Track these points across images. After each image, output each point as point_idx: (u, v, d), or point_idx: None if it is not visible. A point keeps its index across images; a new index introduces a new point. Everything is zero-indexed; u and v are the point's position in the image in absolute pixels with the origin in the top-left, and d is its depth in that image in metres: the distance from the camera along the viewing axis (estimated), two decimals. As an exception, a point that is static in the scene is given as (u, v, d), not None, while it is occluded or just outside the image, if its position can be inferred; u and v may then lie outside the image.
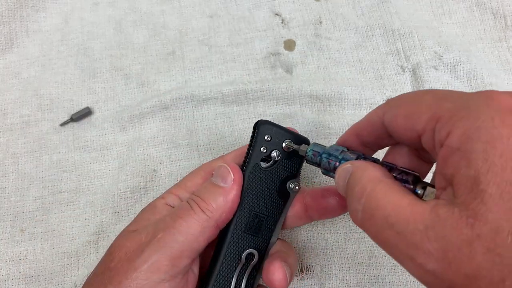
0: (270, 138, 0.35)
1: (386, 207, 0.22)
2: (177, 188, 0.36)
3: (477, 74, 0.46)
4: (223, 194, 0.32)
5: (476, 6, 0.50)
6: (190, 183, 0.36)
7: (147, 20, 0.52)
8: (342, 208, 0.35)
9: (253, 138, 0.35)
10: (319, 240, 0.41)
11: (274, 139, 0.35)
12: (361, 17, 0.51)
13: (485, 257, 0.18)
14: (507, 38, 0.49)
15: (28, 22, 0.51)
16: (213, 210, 0.32)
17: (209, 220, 0.31)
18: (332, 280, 0.40)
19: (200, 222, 0.31)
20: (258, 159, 0.35)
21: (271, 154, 0.35)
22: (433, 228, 0.20)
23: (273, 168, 0.35)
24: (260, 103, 0.47)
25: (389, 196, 0.22)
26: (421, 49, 0.47)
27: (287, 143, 0.35)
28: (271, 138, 0.35)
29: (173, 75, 0.49)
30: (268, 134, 0.35)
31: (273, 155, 0.35)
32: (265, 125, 0.35)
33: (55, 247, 0.43)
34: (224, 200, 0.32)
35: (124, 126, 0.47)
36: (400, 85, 0.47)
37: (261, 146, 0.35)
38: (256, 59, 0.49)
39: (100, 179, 0.45)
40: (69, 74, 0.49)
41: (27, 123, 0.47)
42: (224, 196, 0.32)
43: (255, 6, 0.52)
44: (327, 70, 0.48)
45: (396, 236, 0.21)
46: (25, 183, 0.45)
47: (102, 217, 0.43)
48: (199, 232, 0.31)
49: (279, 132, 0.35)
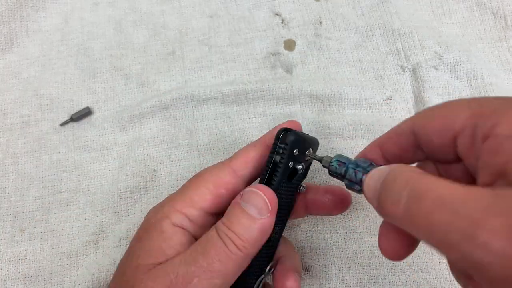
0: (297, 151, 0.32)
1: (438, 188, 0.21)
2: (182, 204, 0.31)
3: (477, 74, 0.46)
4: (260, 229, 0.29)
5: (476, 6, 0.50)
6: (197, 198, 0.32)
7: (147, 20, 0.52)
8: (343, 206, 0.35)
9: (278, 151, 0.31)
10: (319, 240, 0.41)
11: (300, 152, 0.32)
12: (361, 17, 0.51)
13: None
14: (507, 38, 0.49)
15: (28, 22, 0.51)
16: (249, 247, 0.28)
17: (246, 257, 0.29)
18: (332, 280, 0.40)
19: (237, 261, 0.28)
20: (285, 176, 0.31)
21: (297, 167, 0.32)
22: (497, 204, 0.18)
23: (295, 179, 0.33)
24: (260, 103, 0.47)
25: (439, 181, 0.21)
26: (421, 49, 0.47)
27: (309, 153, 0.33)
28: (299, 152, 0.32)
29: (173, 75, 0.49)
30: (296, 148, 0.31)
31: (299, 167, 0.32)
32: (294, 138, 0.31)
33: (55, 247, 0.43)
34: (261, 234, 0.29)
35: (124, 126, 0.47)
36: (400, 85, 0.47)
37: (289, 161, 0.31)
38: (256, 59, 0.49)
39: (100, 179, 0.45)
40: (69, 74, 0.49)
41: (27, 123, 0.47)
42: (260, 229, 0.29)
43: (255, 6, 0.52)
44: (327, 70, 0.48)
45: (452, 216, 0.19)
46: (25, 183, 0.45)
47: (102, 217, 0.43)
48: (236, 270, 0.29)
49: (304, 143, 0.32)
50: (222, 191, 0.32)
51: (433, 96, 0.45)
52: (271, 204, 0.29)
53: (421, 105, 0.45)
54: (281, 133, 0.31)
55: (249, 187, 0.30)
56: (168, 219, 0.31)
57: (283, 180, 0.31)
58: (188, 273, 0.27)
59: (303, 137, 0.32)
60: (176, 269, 0.28)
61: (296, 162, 0.32)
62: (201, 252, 0.28)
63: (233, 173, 0.32)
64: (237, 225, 0.28)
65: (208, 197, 0.32)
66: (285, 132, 0.31)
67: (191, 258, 0.28)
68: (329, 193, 0.35)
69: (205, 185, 0.32)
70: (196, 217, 0.31)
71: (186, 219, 0.31)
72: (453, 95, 0.46)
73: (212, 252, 0.28)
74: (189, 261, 0.28)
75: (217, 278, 0.27)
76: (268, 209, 0.29)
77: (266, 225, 0.29)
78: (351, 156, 0.31)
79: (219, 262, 0.27)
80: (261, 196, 0.29)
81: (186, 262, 0.28)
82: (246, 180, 0.33)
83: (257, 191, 0.29)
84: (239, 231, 0.28)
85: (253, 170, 0.33)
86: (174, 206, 0.31)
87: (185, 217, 0.31)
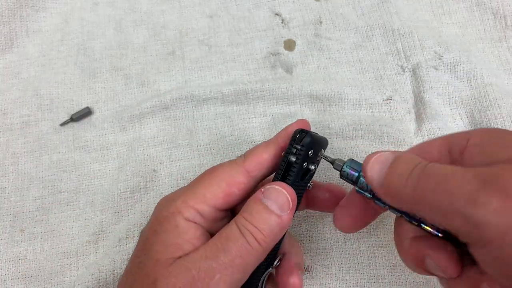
0: (312, 153, 0.32)
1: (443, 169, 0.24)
2: (195, 200, 0.32)
3: (477, 74, 0.46)
4: (280, 224, 0.29)
5: (476, 6, 0.50)
6: (209, 195, 0.32)
7: (147, 20, 0.52)
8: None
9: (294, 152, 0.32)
10: (319, 240, 0.41)
11: (314, 153, 0.32)
12: (361, 17, 0.51)
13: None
14: (507, 38, 0.49)
15: (28, 22, 0.51)
16: (270, 242, 0.29)
17: (265, 251, 0.30)
18: (332, 280, 0.40)
19: (257, 256, 0.29)
20: (299, 176, 0.32)
21: (310, 167, 0.33)
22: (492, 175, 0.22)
23: (307, 178, 0.33)
24: (260, 103, 0.47)
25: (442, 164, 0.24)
26: (421, 49, 0.47)
27: (321, 154, 0.34)
28: (313, 153, 0.32)
29: (173, 75, 0.49)
30: (311, 149, 0.32)
31: (311, 168, 0.33)
32: (311, 140, 0.31)
33: (55, 247, 0.43)
34: (281, 230, 0.30)
35: (124, 126, 0.47)
36: (400, 85, 0.47)
37: (304, 162, 0.32)
38: (256, 59, 0.49)
39: (100, 179, 0.45)
40: (69, 74, 0.49)
41: (27, 123, 0.47)
42: (281, 225, 0.30)
43: (255, 6, 0.52)
44: (327, 70, 0.48)
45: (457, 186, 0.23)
46: (25, 183, 0.45)
47: (102, 217, 0.43)
48: (255, 265, 0.30)
49: (318, 144, 0.33)
50: (235, 190, 0.32)
51: (433, 96, 0.45)
52: (293, 203, 0.30)
53: (421, 105, 0.45)
54: (297, 134, 0.32)
55: (270, 184, 0.31)
56: (181, 214, 0.31)
57: (297, 179, 0.32)
58: (210, 269, 0.28)
59: (318, 139, 0.33)
60: (198, 265, 0.28)
61: (310, 162, 0.32)
62: (221, 248, 0.29)
63: (246, 173, 0.33)
64: (259, 219, 0.29)
65: (220, 195, 0.32)
66: (301, 133, 0.32)
67: (211, 254, 0.29)
68: (330, 191, 0.35)
69: (218, 183, 0.32)
70: (208, 213, 0.32)
71: (198, 215, 0.31)
72: (453, 95, 0.46)
73: (234, 248, 0.28)
74: (210, 257, 0.28)
75: (238, 273, 0.28)
76: (289, 206, 0.30)
77: (286, 222, 0.30)
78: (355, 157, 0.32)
79: (241, 258, 0.28)
80: (284, 193, 0.30)
81: (207, 257, 0.28)
82: (257, 180, 0.34)
83: (280, 189, 0.30)
84: (261, 226, 0.29)
85: (266, 171, 0.34)
86: (187, 201, 0.32)
87: (197, 213, 0.31)
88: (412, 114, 0.46)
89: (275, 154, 0.33)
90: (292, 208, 0.30)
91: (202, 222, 0.32)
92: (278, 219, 0.29)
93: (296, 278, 0.32)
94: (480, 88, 0.45)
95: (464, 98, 0.46)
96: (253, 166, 0.33)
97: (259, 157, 0.33)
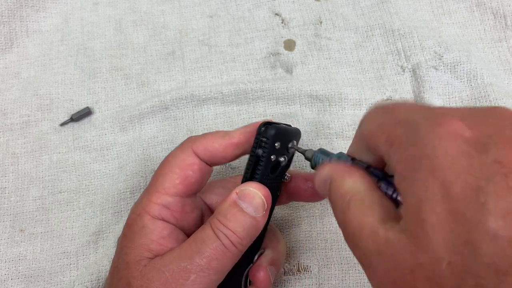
0: (279, 145, 0.32)
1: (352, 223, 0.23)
2: (157, 195, 0.32)
3: (477, 74, 0.46)
4: (256, 226, 0.30)
5: (476, 6, 0.50)
6: (168, 184, 0.32)
7: (147, 20, 0.52)
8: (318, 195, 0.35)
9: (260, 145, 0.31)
10: (318, 240, 0.41)
11: (282, 145, 0.32)
12: (361, 17, 0.51)
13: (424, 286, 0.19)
14: (507, 38, 0.49)
15: (28, 22, 0.51)
16: (245, 243, 0.30)
17: (240, 253, 0.30)
18: (332, 280, 0.40)
19: (233, 258, 0.29)
20: (268, 169, 0.32)
21: (279, 159, 0.32)
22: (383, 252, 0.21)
23: (278, 172, 0.33)
24: (260, 103, 0.47)
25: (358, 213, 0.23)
26: (421, 49, 0.47)
27: (292, 145, 0.33)
28: (280, 145, 0.32)
29: (173, 75, 0.49)
30: (278, 142, 0.31)
31: (281, 160, 0.32)
32: (275, 132, 0.31)
33: (55, 247, 0.43)
34: (256, 231, 0.30)
35: (124, 126, 0.47)
36: (400, 85, 0.47)
37: (271, 155, 0.31)
38: (256, 59, 0.49)
39: (100, 179, 0.45)
40: (69, 74, 0.49)
41: (27, 123, 0.47)
42: (256, 226, 0.30)
43: (255, 6, 0.52)
44: (327, 70, 0.48)
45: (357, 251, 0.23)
46: (25, 183, 0.45)
47: (102, 217, 0.43)
48: (231, 266, 0.30)
49: (286, 136, 0.32)
50: (189, 172, 0.32)
51: (433, 96, 0.45)
52: (267, 203, 0.30)
53: (421, 105, 0.45)
54: (262, 127, 0.31)
55: (244, 185, 0.31)
56: (147, 213, 0.31)
57: (266, 173, 0.32)
58: (185, 270, 0.28)
59: (284, 130, 0.32)
60: (171, 267, 0.28)
61: (279, 155, 0.32)
62: (196, 250, 0.29)
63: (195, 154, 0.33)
64: (234, 222, 0.29)
65: (177, 181, 0.32)
66: (266, 126, 0.31)
67: (186, 256, 0.29)
68: (309, 180, 0.35)
69: (172, 170, 0.32)
70: (173, 205, 0.32)
71: (164, 209, 0.32)
72: (453, 95, 0.46)
73: (209, 251, 0.28)
74: (184, 259, 0.29)
75: (214, 275, 0.28)
76: (264, 207, 0.30)
77: (261, 222, 0.30)
78: None
79: (216, 260, 0.28)
80: (258, 195, 0.30)
81: (181, 259, 0.29)
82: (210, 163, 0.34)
83: (255, 191, 0.30)
84: (236, 229, 0.29)
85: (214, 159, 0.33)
86: (150, 198, 0.32)
87: (163, 207, 0.32)
88: (412, 114, 0.46)
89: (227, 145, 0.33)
90: (267, 208, 0.30)
91: (170, 216, 0.32)
92: (253, 221, 0.30)
93: (262, 272, 0.33)
94: (480, 88, 0.45)
95: (464, 98, 0.46)
96: (200, 151, 0.33)
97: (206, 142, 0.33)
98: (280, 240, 0.36)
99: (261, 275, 0.33)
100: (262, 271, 0.33)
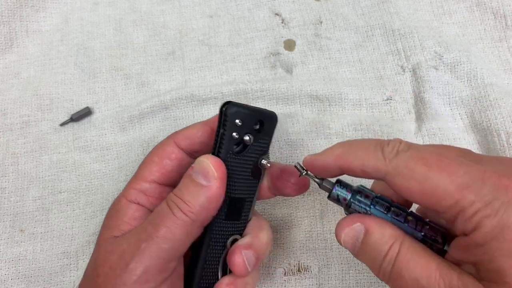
0: (241, 122, 0.32)
1: (416, 269, 0.25)
2: (135, 181, 0.34)
3: (477, 74, 0.46)
4: (206, 194, 0.30)
5: (476, 6, 0.50)
6: (146, 172, 0.34)
7: (147, 20, 0.52)
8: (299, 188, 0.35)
9: (221, 123, 0.32)
10: (318, 241, 0.41)
11: (245, 123, 0.32)
12: (361, 17, 0.51)
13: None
14: (507, 38, 0.49)
15: (28, 22, 0.51)
16: (196, 212, 0.30)
17: (194, 222, 0.30)
18: (332, 280, 0.40)
19: (184, 226, 0.29)
20: (231, 146, 0.32)
21: (244, 138, 0.33)
22: None
23: (247, 151, 0.33)
24: (260, 103, 0.47)
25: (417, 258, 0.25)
26: (421, 49, 0.47)
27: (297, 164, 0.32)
28: (242, 122, 0.32)
29: (173, 75, 0.49)
30: (238, 119, 0.32)
31: (246, 139, 0.33)
32: (233, 109, 0.32)
33: (55, 247, 0.43)
34: (208, 200, 0.30)
35: (124, 126, 0.47)
36: (400, 85, 0.47)
37: (232, 132, 0.32)
38: (256, 59, 0.49)
39: (100, 179, 0.45)
40: (69, 74, 0.49)
41: (27, 123, 0.47)
42: (207, 195, 0.30)
43: (255, 6, 0.52)
44: (327, 70, 0.48)
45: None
46: (25, 183, 0.45)
47: (101, 217, 0.43)
48: (184, 236, 0.30)
49: (249, 114, 0.33)
50: (167, 161, 0.34)
51: (433, 96, 0.45)
52: (218, 171, 0.30)
53: (421, 105, 0.45)
54: (223, 107, 0.32)
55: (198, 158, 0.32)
56: (124, 198, 0.34)
57: (230, 150, 0.32)
58: (138, 240, 0.30)
59: (245, 108, 0.33)
60: (129, 240, 0.30)
61: (242, 133, 0.33)
62: (151, 221, 0.30)
63: (175, 144, 0.35)
64: (185, 192, 0.30)
65: (154, 169, 0.34)
66: (226, 104, 0.32)
67: (142, 229, 0.30)
68: (285, 173, 0.35)
69: (151, 158, 0.35)
70: (150, 190, 0.34)
71: (141, 194, 0.34)
72: (453, 95, 0.46)
73: (160, 219, 0.30)
74: (140, 231, 0.30)
75: (164, 244, 0.29)
76: (214, 175, 0.30)
77: (214, 192, 0.30)
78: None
79: (166, 228, 0.29)
80: (206, 162, 0.31)
81: (137, 232, 0.30)
82: (188, 152, 0.35)
83: (203, 159, 0.31)
84: (186, 198, 0.30)
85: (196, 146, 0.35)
86: (130, 185, 0.34)
87: (139, 192, 0.34)
88: (412, 114, 0.46)
89: (205, 130, 0.35)
90: (219, 177, 0.30)
91: (146, 200, 0.34)
92: (205, 189, 0.30)
93: (236, 256, 0.32)
94: (480, 88, 0.45)
95: (464, 98, 0.46)
96: (181, 139, 0.35)
97: (187, 131, 0.35)
98: (263, 228, 0.36)
99: (235, 259, 0.32)
100: (236, 255, 0.32)
